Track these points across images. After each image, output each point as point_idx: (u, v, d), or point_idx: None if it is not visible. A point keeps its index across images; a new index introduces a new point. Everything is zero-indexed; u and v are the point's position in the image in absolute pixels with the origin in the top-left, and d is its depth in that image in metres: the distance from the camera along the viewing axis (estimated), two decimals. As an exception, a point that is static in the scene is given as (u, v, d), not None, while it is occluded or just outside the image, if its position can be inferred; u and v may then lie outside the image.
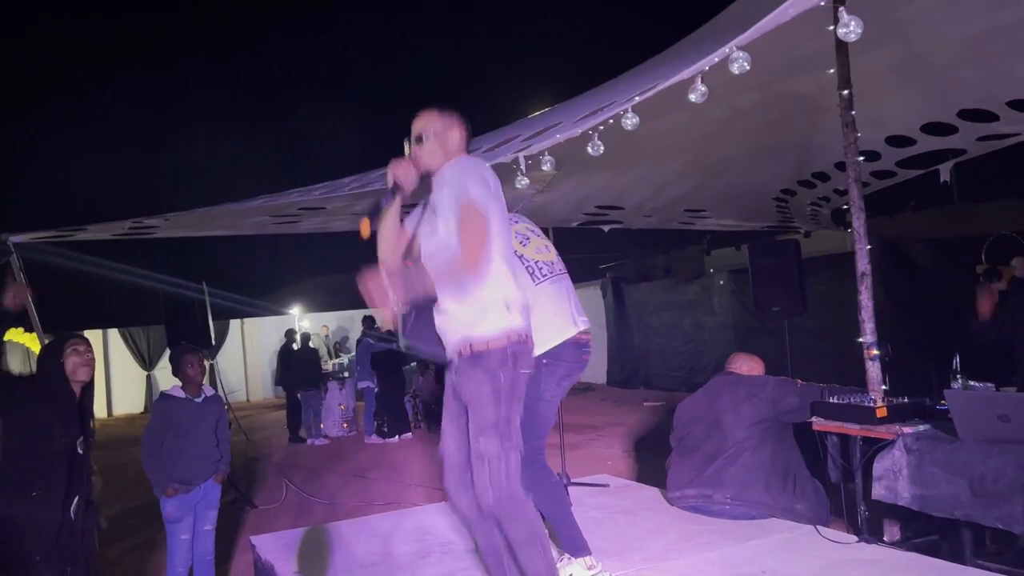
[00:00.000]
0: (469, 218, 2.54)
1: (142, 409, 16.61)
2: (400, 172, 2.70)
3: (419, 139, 2.76)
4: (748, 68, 3.22)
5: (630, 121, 3.66)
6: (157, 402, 4.20)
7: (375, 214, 2.69)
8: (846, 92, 3.98)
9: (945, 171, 6.34)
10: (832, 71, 4.00)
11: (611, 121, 3.81)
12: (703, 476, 3.91)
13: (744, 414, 3.89)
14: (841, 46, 3.93)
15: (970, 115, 5.29)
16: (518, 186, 4.19)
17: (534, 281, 3.37)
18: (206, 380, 4.31)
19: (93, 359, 3.26)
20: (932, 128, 5.55)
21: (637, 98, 3.57)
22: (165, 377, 16.92)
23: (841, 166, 6.37)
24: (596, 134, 4.01)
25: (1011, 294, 6.76)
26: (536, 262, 3.44)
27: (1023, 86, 4.84)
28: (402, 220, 2.88)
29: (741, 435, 3.87)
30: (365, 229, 2.65)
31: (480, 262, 2.52)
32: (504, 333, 2.60)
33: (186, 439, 4.03)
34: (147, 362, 17.02)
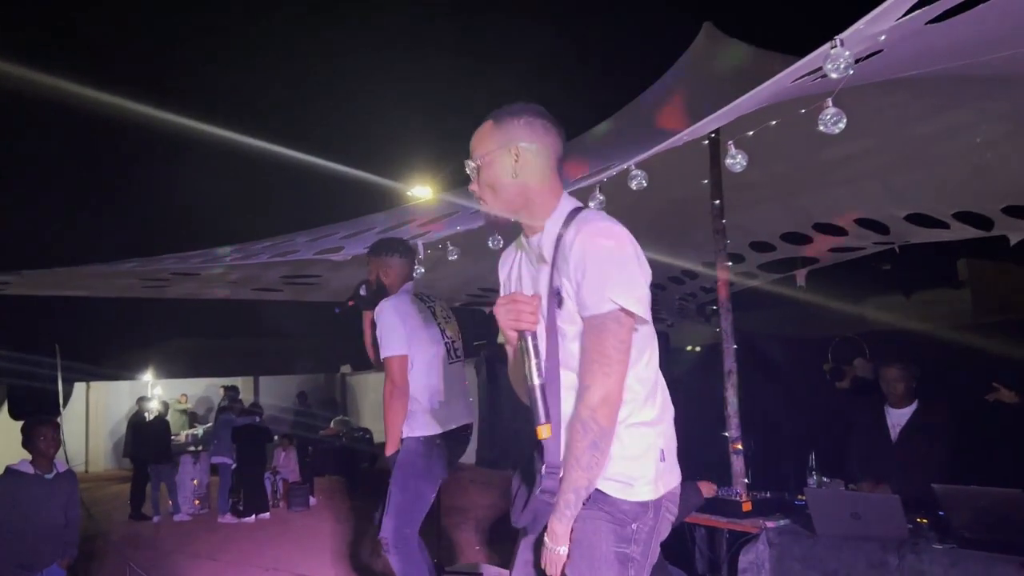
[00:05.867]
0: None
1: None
2: (509, 320, 1.93)
3: (473, 168, 1.99)
4: (645, 185, 3.45)
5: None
6: (1, 478, 3.85)
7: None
8: (717, 202, 4.31)
9: (801, 276, 6.90)
10: (705, 181, 4.33)
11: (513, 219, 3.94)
12: None
13: None
14: (715, 160, 4.28)
15: (823, 228, 5.83)
16: (414, 275, 4.24)
17: (449, 359, 3.76)
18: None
19: None
20: (790, 237, 6.07)
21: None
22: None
23: (708, 265, 6.85)
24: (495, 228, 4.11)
25: (851, 393, 7.34)
26: (453, 341, 3.83)
27: (869, 207, 5.39)
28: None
29: None
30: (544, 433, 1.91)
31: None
32: None
33: (31, 519, 3.70)
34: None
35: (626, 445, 1.84)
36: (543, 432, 1.86)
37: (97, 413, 17.04)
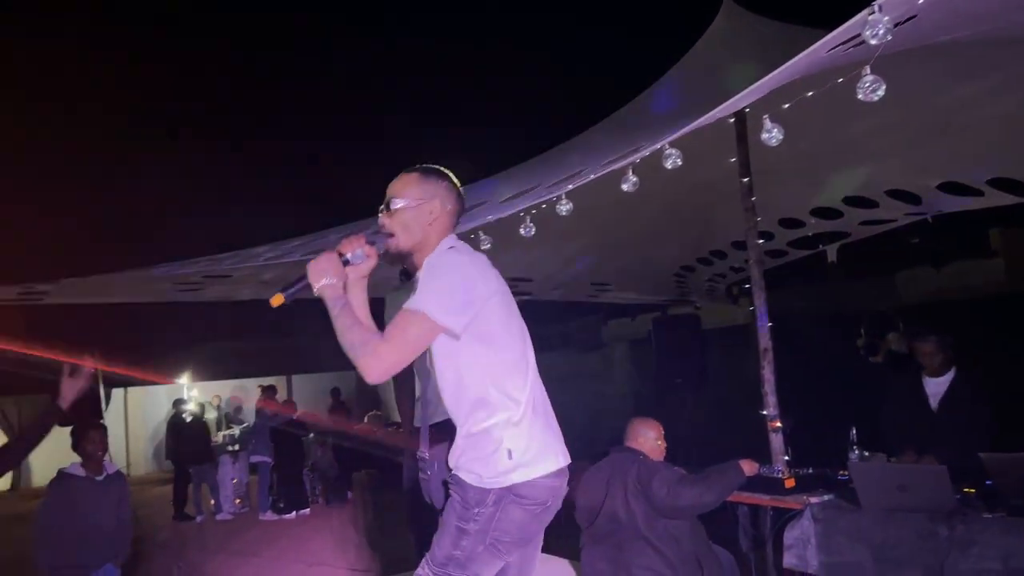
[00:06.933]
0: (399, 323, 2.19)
1: (10, 485, 15.33)
2: (344, 245, 2.30)
3: (388, 206, 2.34)
4: (680, 163, 3.43)
5: (564, 207, 3.79)
6: (55, 482, 3.93)
7: (294, 289, 2.25)
8: (746, 180, 4.28)
9: (832, 251, 6.83)
10: (733, 160, 4.30)
11: (543, 205, 3.95)
12: (615, 566, 3.71)
13: (637, 511, 3.66)
14: (742, 138, 4.25)
15: (853, 201, 5.77)
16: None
17: None
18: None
19: None
20: (820, 212, 6.01)
21: (570, 185, 3.72)
22: (38, 451, 15.76)
23: (737, 245, 6.81)
24: (528, 216, 4.13)
25: (885, 367, 7.28)
26: None
27: (900, 177, 5.32)
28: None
29: (642, 531, 3.65)
30: (276, 301, 2.28)
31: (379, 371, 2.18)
32: None
33: (86, 520, 3.78)
34: (17, 434, 15.78)
35: (479, 447, 2.26)
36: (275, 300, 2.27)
37: (136, 417, 17.31)
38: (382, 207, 2.35)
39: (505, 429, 2.26)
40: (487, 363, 2.27)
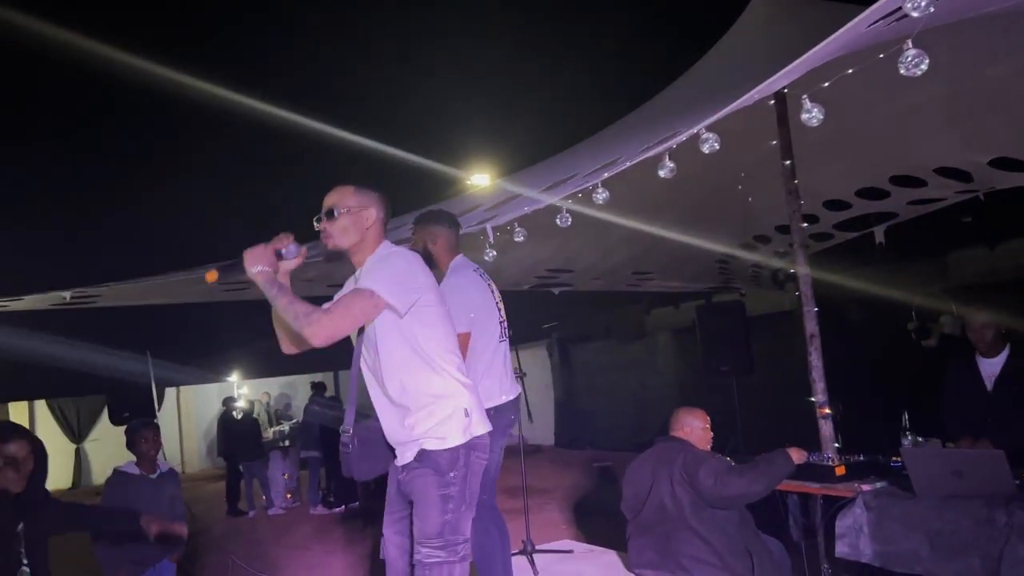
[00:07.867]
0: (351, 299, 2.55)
1: (70, 484, 15.82)
2: (277, 241, 2.59)
3: (329, 214, 2.68)
4: (717, 148, 3.37)
5: (601, 196, 3.77)
6: (111, 479, 4.05)
7: (229, 266, 2.59)
8: (788, 162, 4.20)
9: (879, 233, 6.68)
10: (773, 142, 4.22)
11: (580, 195, 3.92)
12: (662, 556, 3.71)
13: (684, 500, 3.64)
14: (783, 120, 4.17)
15: (900, 181, 5.62)
16: (486, 258, 4.23)
17: (500, 339, 3.69)
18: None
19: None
20: (866, 193, 5.87)
21: (606, 173, 3.69)
22: (96, 450, 16.29)
23: (781, 229, 6.69)
24: (564, 206, 4.11)
25: (938, 351, 7.12)
26: (502, 321, 3.76)
27: (949, 154, 5.17)
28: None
29: (689, 520, 3.62)
30: (211, 277, 2.60)
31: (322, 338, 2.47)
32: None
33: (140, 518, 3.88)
34: (76, 434, 16.29)
35: (439, 411, 2.59)
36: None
37: (189, 416, 17.73)
38: (317, 217, 2.70)
39: (457, 393, 2.63)
40: (434, 341, 2.63)
